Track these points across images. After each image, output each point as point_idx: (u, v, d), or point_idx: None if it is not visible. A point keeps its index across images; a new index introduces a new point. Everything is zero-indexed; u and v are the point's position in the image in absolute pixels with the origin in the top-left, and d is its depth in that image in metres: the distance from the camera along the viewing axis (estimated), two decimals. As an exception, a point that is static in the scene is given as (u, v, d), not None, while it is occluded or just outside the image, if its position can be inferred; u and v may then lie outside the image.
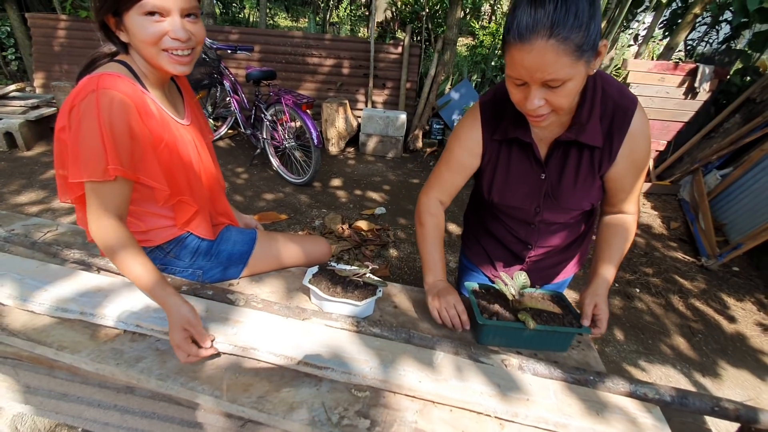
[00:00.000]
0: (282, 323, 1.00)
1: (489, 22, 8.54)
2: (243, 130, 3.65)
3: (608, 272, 0.99)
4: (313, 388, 0.90)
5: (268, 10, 9.89)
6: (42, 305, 0.99)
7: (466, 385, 0.88)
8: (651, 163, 3.99)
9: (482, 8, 8.80)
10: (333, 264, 1.17)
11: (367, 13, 10.36)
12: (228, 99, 3.66)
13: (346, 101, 4.18)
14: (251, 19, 7.55)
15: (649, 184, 3.89)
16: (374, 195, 3.48)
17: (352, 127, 4.28)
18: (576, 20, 0.67)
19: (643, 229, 3.39)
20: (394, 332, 0.98)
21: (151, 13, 0.83)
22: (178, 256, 1.10)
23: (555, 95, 0.75)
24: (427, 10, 6.49)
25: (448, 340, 0.97)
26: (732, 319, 2.49)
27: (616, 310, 2.44)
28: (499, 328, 0.98)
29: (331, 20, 10.38)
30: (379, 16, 10.22)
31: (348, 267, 1.15)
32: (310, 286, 1.07)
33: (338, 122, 4.09)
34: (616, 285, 2.66)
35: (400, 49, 4.24)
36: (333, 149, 4.25)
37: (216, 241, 1.16)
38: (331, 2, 10.30)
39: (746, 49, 4.10)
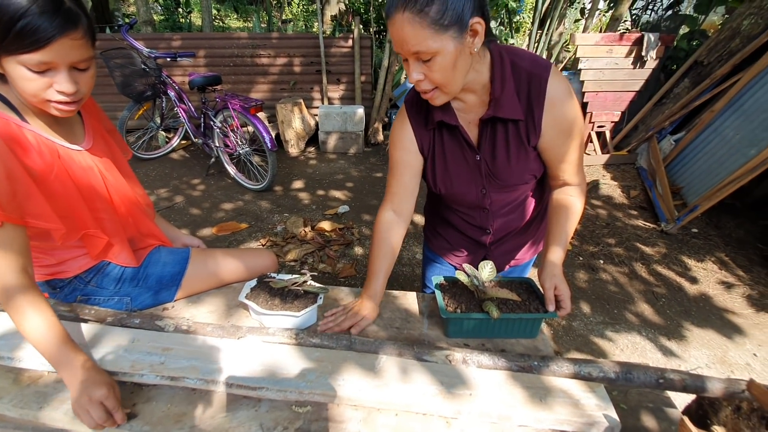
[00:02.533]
0: (216, 345, 0.94)
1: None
2: (194, 139, 3.52)
3: (558, 253, 0.97)
4: (252, 410, 0.85)
5: (217, 12, 9.60)
6: (-56, 357, 0.90)
7: (411, 387, 0.84)
8: (607, 134, 4.06)
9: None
10: (272, 275, 1.12)
11: (320, 7, 10.18)
12: (175, 109, 3.51)
13: (301, 100, 4.09)
14: (198, 23, 7.29)
15: (607, 155, 3.96)
16: (337, 193, 3.42)
17: (310, 127, 4.19)
18: None
19: (605, 200, 3.45)
20: (334, 340, 0.94)
21: (35, 69, 0.73)
22: (100, 285, 1.03)
23: (429, 70, 0.79)
24: (379, 0, 6.41)
25: (392, 342, 0.93)
26: (694, 281, 2.56)
27: (581, 283, 2.48)
28: (465, 320, 0.96)
29: (284, 17, 10.18)
30: (333, 10, 10.07)
31: (287, 276, 1.09)
32: (246, 301, 1.01)
33: (295, 122, 3.99)
34: (581, 258, 2.70)
35: (350, 42, 4.16)
36: (293, 150, 4.16)
37: (143, 265, 1.09)
38: (283, 0, 10.07)
39: (692, 13, 4.18)
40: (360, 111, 4.04)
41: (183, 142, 4.12)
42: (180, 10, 7.28)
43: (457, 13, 0.73)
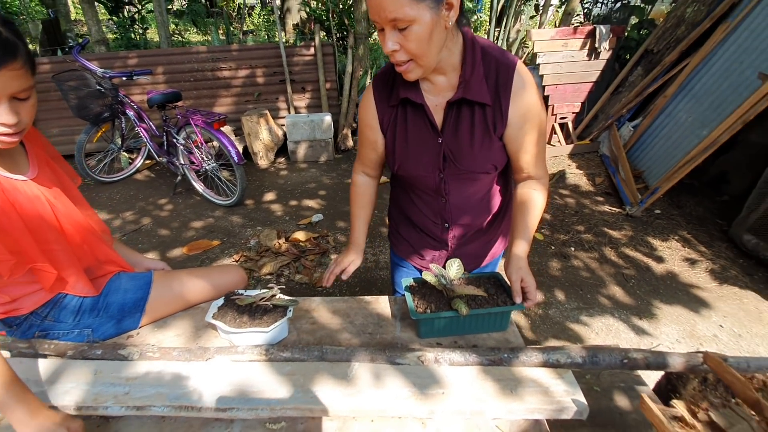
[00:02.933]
0: (183, 369, 0.92)
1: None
2: (158, 158, 3.43)
3: (522, 246, 0.97)
4: (225, 431, 0.83)
5: (175, 27, 9.41)
6: None
7: (384, 392, 0.84)
8: (570, 124, 4.19)
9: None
10: (240, 292, 1.10)
11: (281, 16, 10.12)
12: (135, 129, 3.41)
13: (267, 111, 4.04)
14: (156, 40, 7.12)
15: (571, 145, 4.08)
16: (310, 202, 3.39)
17: (278, 137, 4.15)
18: None
19: (572, 188, 3.55)
20: (306, 352, 0.93)
21: None
22: (58, 319, 0.98)
23: (405, 39, 0.80)
24: (341, 6, 6.42)
25: (364, 348, 0.93)
26: (660, 260, 2.66)
27: (554, 272, 2.54)
28: (435, 319, 0.97)
29: (246, 28, 10.06)
30: (294, 18, 10.03)
31: (255, 292, 1.08)
32: (213, 321, 0.99)
33: (262, 134, 3.95)
34: (553, 248, 2.76)
35: (312, 50, 4.15)
36: (262, 162, 4.10)
37: (102, 294, 1.05)
38: (243, 11, 9.96)
39: (639, 3, 4.37)
40: (327, 118, 4.03)
41: (147, 162, 4.01)
42: (136, 27, 7.09)
43: None
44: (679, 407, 0.69)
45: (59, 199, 0.95)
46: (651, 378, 1.40)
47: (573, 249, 2.75)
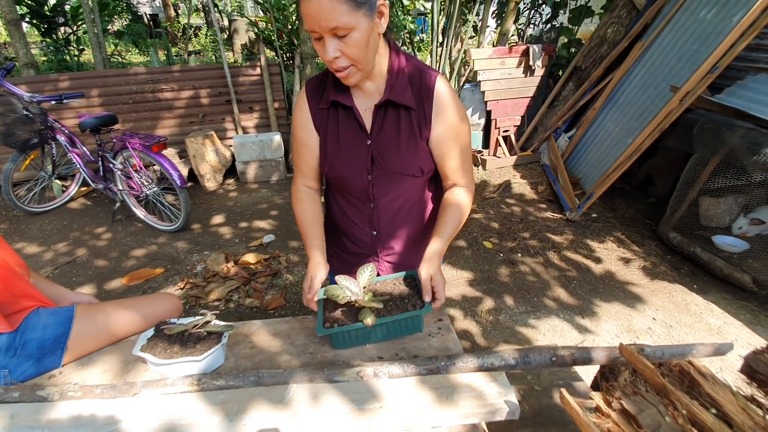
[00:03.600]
0: (108, 407, 0.86)
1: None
2: (94, 185, 3.24)
3: (437, 245, 0.99)
4: (153, 472, 0.78)
5: (115, 48, 9.03)
6: None
7: (322, 411, 0.83)
8: (512, 137, 4.41)
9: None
10: (172, 321, 1.05)
11: (228, 37, 10.00)
12: (68, 155, 3.21)
13: (212, 132, 3.95)
14: (92, 61, 6.80)
15: (515, 157, 4.29)
16: (261, 223, 3.32)
17: (226, 158, 4.05)
18: None
19: (517, 197, 3.72)
20: (241, 378, 0.90)
21: None
22: (-36, 363, 0.89)
23: (346, 46, 0.83)
24: (289, 26, 6.44)
25: (302, 369, 0.91)
26: (598, 260, 2.82)
27: (503, 278, 2.63)
28: (343, 333, 0.97)
29: (192, 49, 9.84)
30: (242, 38, 9.95)
31: (187, 320, 1.03)
32: (141, 354, 0.94)
33: (208, 155, 3.84)
34: (501, 255, 2.86)
35: (258, 69, 4.13)
36: (210, 184, 3.98)
37: (19, 331, 0.97)
38: (189, 31, 9.76)
39: (567, 25, 4.74)
40: (277, 137, 4.00)
41: (82, 189, 3.77)
42: (71, 48, 6.73)
43: None
44: (596, 398, 0.73)
45: None
46: (589, 375, 1.47)
47: (520, 255, 2.86)
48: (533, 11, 5.10)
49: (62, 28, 6.77)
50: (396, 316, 0.96)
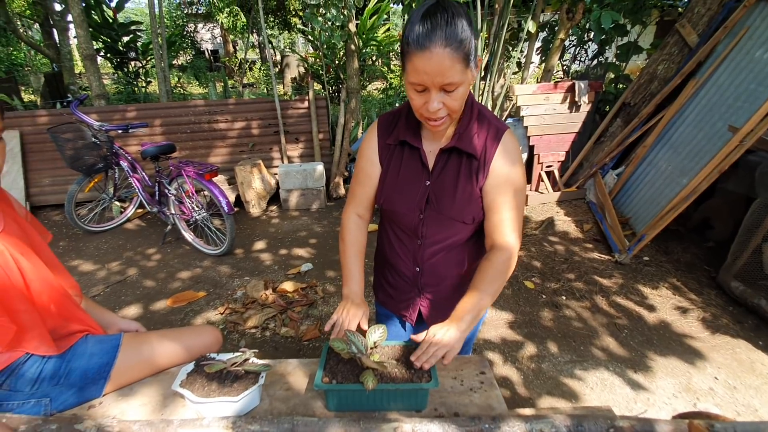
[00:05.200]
0: (145, 444, 0.86)
1: (399, 66, 9.08)
2: (149, 208, 3.44)
3: (472, 303, 0.93)
4: None
5: (178, 80, 9.81)
6: None
7: (357, 470, 0.79)
8: (556, 173, 4.29)
9: (389, 54, 9.37)
10: (212, 356, 1.06)
11: (279, 71, 10.62)
12: (129, 179, 3.45)
13: (260, 161, 4.13)
14: (156, 92, 7.39)
15: (558, 193, 4.16)
16: (300, 251, 3.38)
17: (271, 186, 4.20)
18: (462, 33, 0.80)
19: (561, 235, 3.57)
20: (275, 425, 0.88)
21: None
22: (14, 388, 0.94)
23: (450, 98, 0.86)
24: (337, 62, 6.77)
25: (336, 419, 0.89)
26: (652, 308, 2.62)
27: (546, 322, 2.49)
28: (340, 392, 0.91)
29: (246, 81, 10.51)
30: (293, 72, 10.52)
31: (226, 356, 1.04)
32: (180, 390, 0.94)
33: (255, 183, 4.00)
34: (543, 296, 2.73)
35: (306, 103, 4.31)
36: (254, 211, 4.12)
37: (65, 359, 1.01)
38: (244, 66, 10.44)
39: (614, 61, 4.65)
40: (320, 167, 4.11)
41: (138, 211, 4.02)
42: (139, 81, 7.39)
43: (474, 48, 0.84)
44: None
45: (26, 255, 0.94)
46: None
47: (564, 298, 2.71)
48: (579, 48, 5.05)
49: (132, 63, 7.46)
50: (398, 385, 0.89)
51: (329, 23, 4.03)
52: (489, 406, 0.97)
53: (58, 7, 6.61)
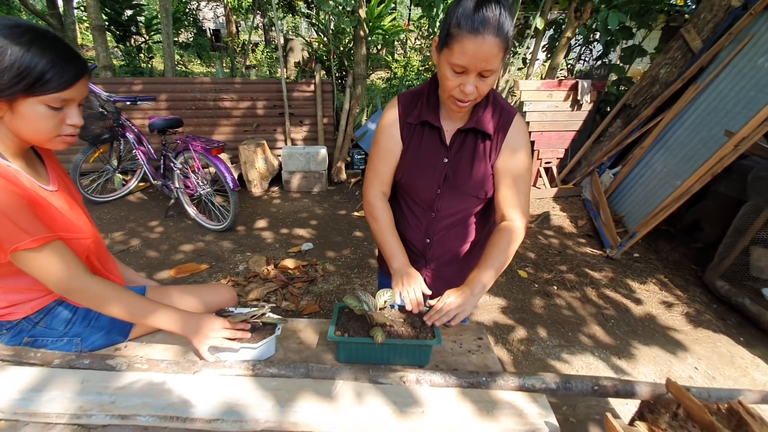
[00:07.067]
0: (171, 381, 0.94)
1: (403, 56, 9.07)
2: (153, 181, 3.48)
3: (486, 275, 1.03)
4: (208, 445, 0.84)
5: (180, 58, 9.73)
6: None
7: (366, 410, 0.87)
8: (554, 169, 4.38)
9: (394, 43, 9.35)
10: (230, 309, 1.13)
11: (283, 55, 10.56)
12: (133, 151, 3.48)
13: (264, 141, 4.16)
14: (160, 68, 7.35)
15: (555, 189, 4.25)
16: (301, 231, 3.44)
17: (274, 167, 4.25)
18: (509, 25, 0.86)
19: (555, 229, 3.67)
20: (292, 369, 0.96)
21: (56, 106, 0.83)
22: (49, 326, 1.00)
23: (484, 83, 0.92)
24: (341, 48, 6.76)
25: (348, 367, 0.97)
26: (639, 302, 2.74)
27: (538, 309, 2.59)
28: (350, 344, 1.00)
29: (249, 63, 10.44)
30: (296, 56, 10.46)
31: (245, 310, 1.11)
32: (202, 335, 1.02)
33: (258, 163, 4.04)
34: (536, 285, 2.83)
35: (312, 86, 4.34)
36: (256, 190, 4.17)
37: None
38: (247, 47, 10.36)
39: (618, 62, 4.73)
40: (323, 151, 4.16)
41: (141, 184, 4.05)
42: (141, 56, 7.33)
43: (511, 40, 0.89)
44: (641, 428, 0.74)
45: (74, 210, 1.00)
46: (626, 412, 1.43)
47: (556, 288, 2.82)
48: (584, 47, 5.12)
49: (134, 37, 7.39)
50: (405, 341, 0.97)
51: (339, 7, 4.05)
52: (485, 366, 1.06)
53: (63, -24, 6.53)
